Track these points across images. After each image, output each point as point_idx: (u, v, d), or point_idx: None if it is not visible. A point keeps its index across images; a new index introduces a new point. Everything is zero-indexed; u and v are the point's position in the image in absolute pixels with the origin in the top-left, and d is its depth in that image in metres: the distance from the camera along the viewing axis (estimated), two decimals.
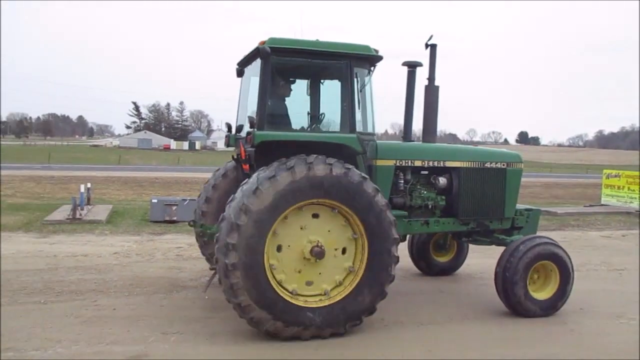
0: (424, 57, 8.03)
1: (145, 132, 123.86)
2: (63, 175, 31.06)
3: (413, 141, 8.30)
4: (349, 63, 6.74)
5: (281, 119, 6.98)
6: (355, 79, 6.79)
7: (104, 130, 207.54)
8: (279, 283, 6.14)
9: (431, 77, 8.00)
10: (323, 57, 6.79)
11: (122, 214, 15.64)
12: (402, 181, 7.61)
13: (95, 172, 35.31)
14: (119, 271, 9.16)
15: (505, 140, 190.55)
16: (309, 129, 7.50)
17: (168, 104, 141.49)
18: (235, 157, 7.75)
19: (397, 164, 7.46)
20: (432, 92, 8.02)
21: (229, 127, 7.52)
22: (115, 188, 24.76)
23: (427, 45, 7.95)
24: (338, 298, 6.27)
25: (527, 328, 6.83)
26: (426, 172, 7.88)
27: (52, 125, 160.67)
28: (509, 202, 8.02)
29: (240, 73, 7.87)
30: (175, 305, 7.39)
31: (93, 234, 12.64)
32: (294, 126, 7.13)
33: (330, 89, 7.32)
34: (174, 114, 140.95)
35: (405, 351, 5.97)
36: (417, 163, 7.60)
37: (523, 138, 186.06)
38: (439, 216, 7.85)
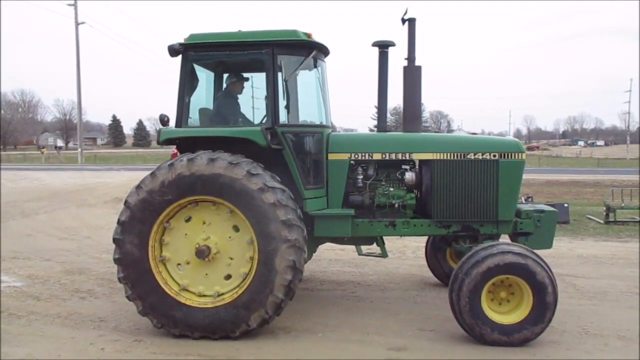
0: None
1: None
2: None
3: (389, 131, 7.40)
4: (271, 51, 6.29)
5: (220, 115, 6.88)
6: (277, 68, 6.32)
7: None
8: (171, 275, 6.13)
9: (411, 57, 7.03)
10: (244, 49, 6.46)
11: None
12: (361, 177, 6.90)
13: None
14: (372, 266, 9.67)
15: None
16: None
17: None
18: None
19: (352, 158, 6.77)
20: (412, 74, 7.06)
21: (163, 120, 6.63)
22: None
23: (403, 21, 6.90)
24: (211, 305, 5.96)
25: None
26: (394, 167, 7.00)
27: None
28: (504, 202, 6.56)
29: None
30: (428, 304, 7.46)
31: None
32: (247, 122, 6.95)
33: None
34: None
35: None
36: (376, 156, 6.78)
37: None
38: (409, 217, 6.84)
